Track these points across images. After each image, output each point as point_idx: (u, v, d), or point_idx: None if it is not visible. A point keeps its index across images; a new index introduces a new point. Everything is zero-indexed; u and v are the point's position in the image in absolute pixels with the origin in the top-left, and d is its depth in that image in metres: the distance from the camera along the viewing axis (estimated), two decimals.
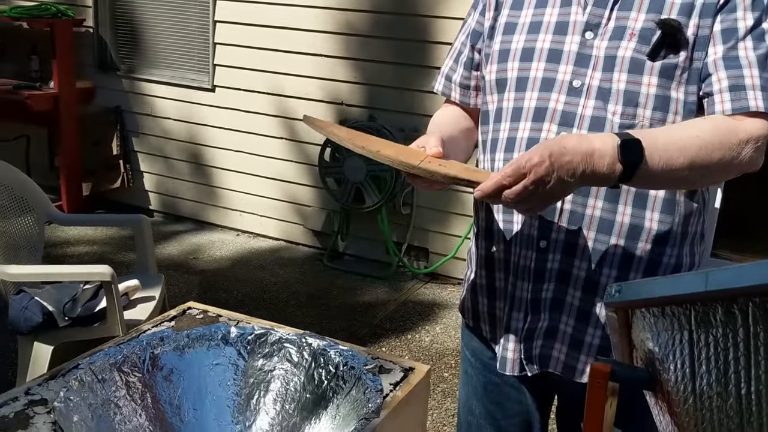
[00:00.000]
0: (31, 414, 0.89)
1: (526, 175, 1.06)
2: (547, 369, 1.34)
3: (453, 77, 1.48)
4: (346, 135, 1.25)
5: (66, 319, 2.58)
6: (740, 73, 1.18)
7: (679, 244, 1.28)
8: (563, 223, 1.26)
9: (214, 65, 4.80)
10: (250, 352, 1.14)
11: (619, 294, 0.65)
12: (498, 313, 1.39)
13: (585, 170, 1.08)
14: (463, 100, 1.48)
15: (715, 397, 0.56)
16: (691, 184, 1.23)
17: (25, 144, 5.38)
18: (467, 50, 1.44)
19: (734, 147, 1.15)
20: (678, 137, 1.16)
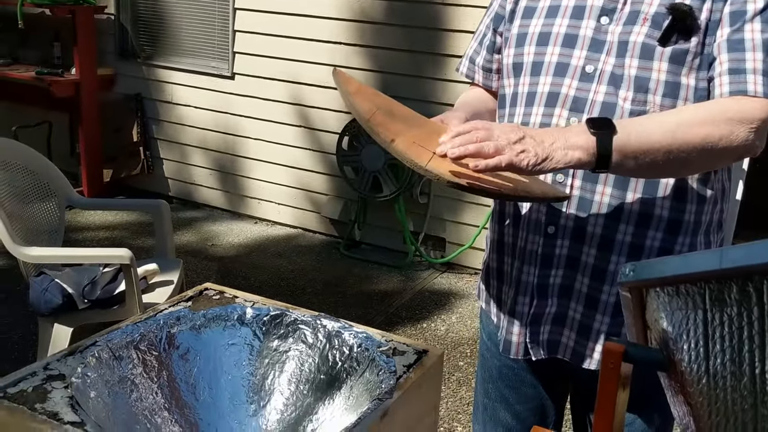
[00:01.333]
0: (48, 389, 0.90)
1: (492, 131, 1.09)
2: (555, 355, 1.34)
3: (476, 60, 1.48)
4: (368, 107, 1.17)
5: (85, 301, 2.62)
6: (742, 57, 1.15)
7: (692, 233, 1.26)
8: (572, 209, 1.26)
9: (233, 53, 4.82)
10: (266, 332, 1.15)
11: (633, 273, 0.65)
12: (503, 297, 1.39)
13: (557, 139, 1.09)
14: (486, 83, 1.48)
15: (728, 376, 0.56)
16: (682, 166, 1.16)
17: (47, 130, 5.44)
18: (490, 33, 1.44)
19: (722, 125, 1.11)
20: (657, 116, 1.15)
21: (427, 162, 1.09)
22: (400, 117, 1.23)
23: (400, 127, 1.18)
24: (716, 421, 0.57)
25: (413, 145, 1.14)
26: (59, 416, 0.85)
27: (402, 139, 1.13)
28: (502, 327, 1.39)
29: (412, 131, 1.19)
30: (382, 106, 1.22)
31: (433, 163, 1.09)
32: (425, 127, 1.24)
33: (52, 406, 0.87)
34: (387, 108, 1.23)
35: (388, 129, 1.15)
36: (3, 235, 2.56)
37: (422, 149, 1.14)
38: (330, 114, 4.57)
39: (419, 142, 1.15)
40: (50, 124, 5.43)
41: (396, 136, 1.13)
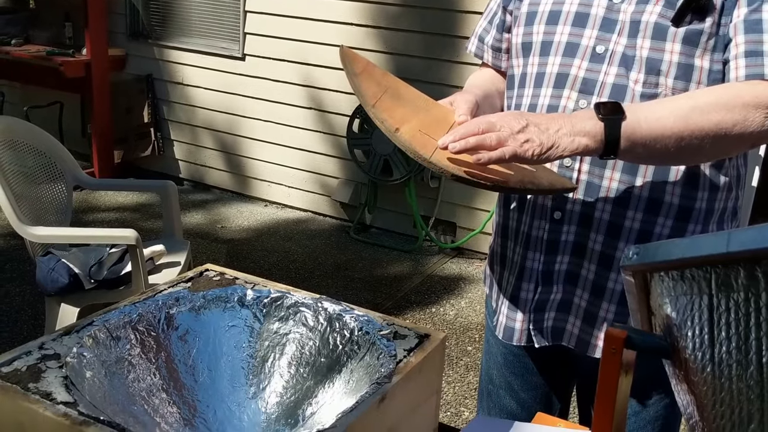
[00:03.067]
0: (43, 368, 0.89)
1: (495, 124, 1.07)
2: (560, 342, 1.32)
3: (486, 39, 1.45)
4: (373, 91, 1.14)
5: (92, 281, 2.62)
6: (760, 38, 1.10)
7: (703, 221, 1.23)
8: (579, 195, 1.23)
9: (244, 33, 4.79)
10: (266, 315, 1.13)
11: (636, 256, 0.62)
12: (504, 283, 1.37)
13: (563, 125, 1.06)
14: (495, 63, 1.45)
15: (734, 365, 0.53)
16: (694, 153, 1.12)
17: (59, 110, 5.45)
18: (500, 12, 1.41)
19: (737, 110, 1.07)
20: (668, 101, 1.11)
21: (432, 153, 1.06)
22: (407, 100, 1.19)
23: (406, 113, 1.15)
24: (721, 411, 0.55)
25: (418, 134, 1.10)
26: (52, 396, 0.83)
27: (407, 128, 1.10)
28: (502, 313, 1.36)
29: (419, 116, 1.16)
30: (390, 87, 1.18)
31: (437, 154, 1.07)
32: (432, 111, 1.21)
33: (45, 385, 0.85)
34: (394, 90, 1.19)
35: (393, 115, 1.12)
36: (10, 214, 2.56)
37: (428, 138, 1.10)
38: (341, 96, 4.54)
39: (425, 129, 1.12)
40: (61, 105, 5.43)
41: (401, 124, 1.10)
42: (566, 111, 1.22)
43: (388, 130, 1.08)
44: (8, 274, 3.76)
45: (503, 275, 1.38)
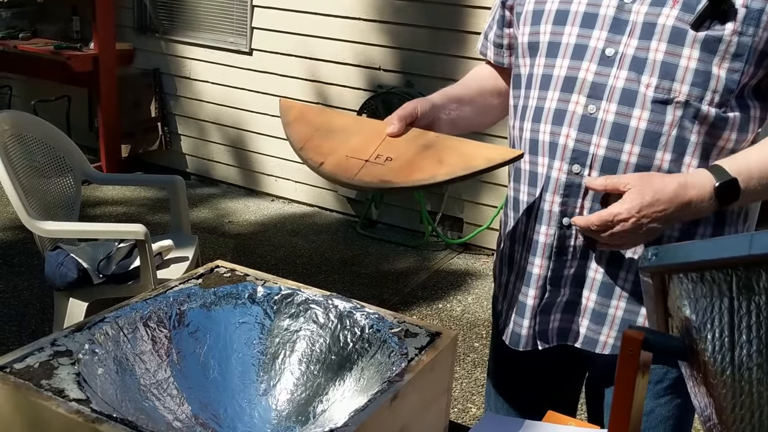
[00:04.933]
0: (55, 365, 0.89)
1: (613, 226, 1.10)
2: (565, 342, 1.31)
3: (489, 35, 1.45)
4: (302, 135, 1.18)
5: (100, 276, 2.62)
6: None
7: (714, 222, 1.22)
8: (588, 201, 1.21)
9: (252, 28, 4.79)
10: (277, 311, 1.13)
11: (655, 258, 0.62)
12: (510, 286, 1.36)
13: (681, 218, 1.12)
14: (497, 60, 1.44)
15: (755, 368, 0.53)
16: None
17: (66, 104, 5.45)
18: (499, 7, 1.40)
19: None
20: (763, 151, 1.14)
21: (356, 174, 1.09)
22: (339, 131, 1.21)
23: (335, 144, 1.17)
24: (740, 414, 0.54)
25: (344, 160, 1.13)
26: (65, 393, 0.83)
27: (333, 158, 1.13)
28: (510, 318, 1.35)
29: (349, 142, 1.18)
30: (322, 125, 1.20)
31: (363, 172, 1.10)
32: (364, 131, 1.22)
33: (58, 382, 0.86)
34: (327, 126, 1.21)
35: (320, 152, 1.15)
36: (19, 209, 2.56)
37: (354, 161, 1.13)
38: (348, 91, 4.54)
39: (353, 153, 1.14)
40: (69, 99, 5.44)
41: (327, 157, 1.13)
42: (574, 116, 1.20)
43: (313, 167, 1.12)
44: (17, 268, 3.77)
45: (510, 278, 1.37)
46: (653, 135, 1.16)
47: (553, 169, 1.22)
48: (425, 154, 1.14)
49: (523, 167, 1.29)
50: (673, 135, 1.16)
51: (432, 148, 1.16)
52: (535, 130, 1.25)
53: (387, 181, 1.09)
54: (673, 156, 1.17)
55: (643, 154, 1.17)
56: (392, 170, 1.11)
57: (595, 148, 1.18)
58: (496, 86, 1.45)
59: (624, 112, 1.17)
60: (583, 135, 1.19)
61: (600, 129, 1.18)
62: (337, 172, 1.10)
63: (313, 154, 1.13)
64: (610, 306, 1.25)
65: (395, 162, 1.12)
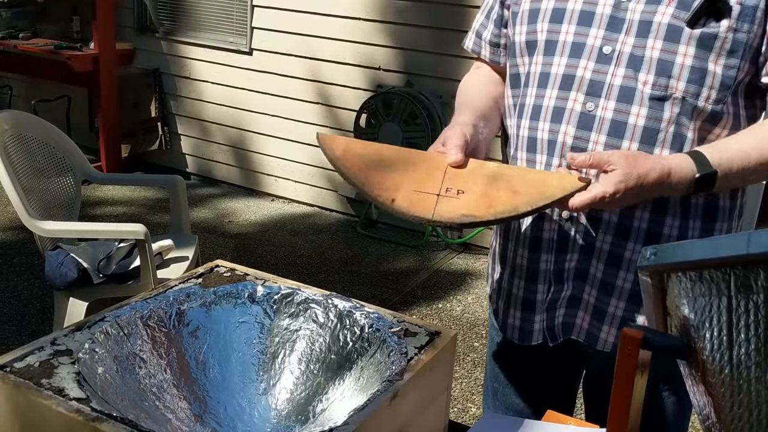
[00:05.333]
0: (55, 364, 0.89)
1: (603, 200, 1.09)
2: (570, 336, 1.31)
3: (483, 34, 1.43)
4: (357, 169, 1.14)
5: (100, 276, 2.62)
6: None
7: (709, 219, 1.23)
8: None
9: (252, 28, 4.79)
10: (276, 311, 1.13)
11: (654, 257, 0.62)
12: (504, 283, 1.36)
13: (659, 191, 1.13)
14: (493, 59, 1.43)
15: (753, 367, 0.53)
16: None
17: (66, 104, 5.45)
18: (497, 6, 1.39)
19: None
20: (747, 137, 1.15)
21: (433, 210, 1.07)
22: (392, 162, 1.18)
23: (396, 178, 1.14)
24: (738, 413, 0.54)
25: (415, 196, 1.11)
26: (65, 392, 0.84)
27: (402, 194, 1.10)
28: (514, 316, 1.36)
29: (409, 175, 1.15)
30: (373, 159, 1.17)
31: (439, 207, 1.08)
32: (420, 164, 1.18)
33: (58, 381, 0.86)
34: (378, 159, 1.18)
35: (384, 186, 1.12)
36: (19, 208, 2.57)
37: (425, 195, 1.11)
38: (348, 91, 4.54)
39: (420, 187, 1.12)
40: (69, 99, 5.44)
41: (395, 193, 1.10)
42: (573, 113, 1.21)
43: (385, 205, 1.10)
44: (17, 267, 3.77)
45: (504, 275, 1.37)
46: (651, 131, 1.17)
47: (552, 166, 1.23)
48: (496, 185, 1.12)
49: (521, 165, 1.30)
50: (671, 131, 1.17)
51: (499, 178, 1.14)
52: (533, 128, 1.26)
53: (468, 216, 1.07)
54: (671, 153, 1.17)
55: (642, 150, 1.17)
56: (469, 204, 1.09)
57: (594, 145, 1.19)
58: (499, 92, 1.43)
59: (622, 109, 1.17)
60: (582, 132, 1.20)
61: (599, 126, 1.19)
62: (413, 209, 1.08)
63: (379, 191, 1.10)
64: (610, 304, 1.26)
65: (469, 195, 1.10)
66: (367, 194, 1.11)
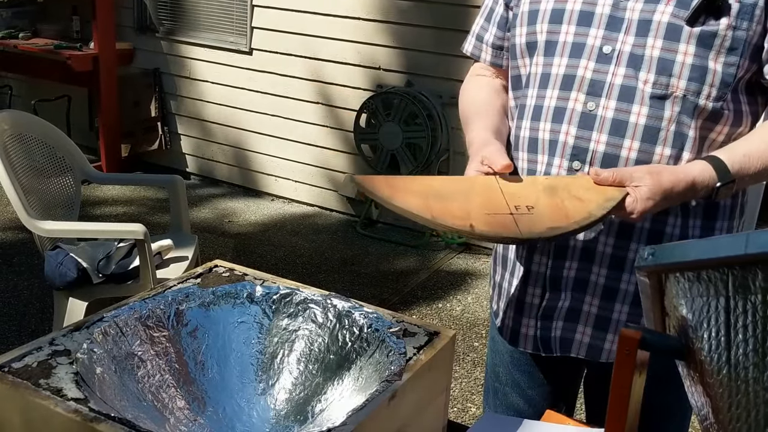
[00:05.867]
0: (54, 364, 0.89)
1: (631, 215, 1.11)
2: (568, 354, 1.31)
3: (485, 37, 1.42)
4: (417, 203, 1.06)
5: (100, 276, 2.62)
6: None
7: (711, 217, 1.24)
8: None
9: (251, 28, 4.78)
10: (275, 311, 1.13)
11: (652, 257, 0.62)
12: (505, 284, 1.36)
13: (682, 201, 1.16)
14: (495, 62, 1.43)
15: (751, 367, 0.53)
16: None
17: (66, 104, 5.45)
18: (500, 8, 1.38)
19: None
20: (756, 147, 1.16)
21: (518, 228, 1.04)
22: (446, 192, 1.12)
23: (459, 205, 1.09)
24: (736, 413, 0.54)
25: (491, 218, 1.07)
26: (63, 392, 0.83)
27: (477, 219, 1.06)
28: (508, 317, 1.35)
29: (472, 200, 1.10)
30: (424, 192, 1.11)
31: (521, 225, 1.05)
32: (476, 188, 1.15)
33: (56, 381, 0.86)
34: (430, 192, 1.11)
35: (456, 215, 1.06)
36: (18, 208, 2.57)
37: (500, 216, 1.07)
38: (348, 91, 4.54)
39: (490, 210, 1.08)
40: (69, 99, 5.44)
41: (469, 219, 1.06)
42: (574, 113, 1.21)
43: (465, 232, 1.05)
44: (16, 267, 3.77)
45: (504, 276, 1.37)
46: (652, 130, 1.17)
47: (553, 166, 1.23)
48: (559, 196, 1.12)
49: (521, 165, 1.29)
50: (672, 130, 1.17)
51: (556, 189, 1.13)
52: (534, 128, 1.26)
53: (554, 228, 1.05)
54: (672, 151, 1.17)
55: (643, 150, 1.17)
56: (548, 217, 1.08)
57: (595, 145, 1.19)
58: (504, 101, 1.42)
59: (623, 108, 1.18)
60: (583, 132, 1.20)
61: (600, 125, 1.19)
62: (497, 229, 1.04)
63: (453, 219, 1.05)
64: (614, 310, 1.25)
65: (540, 209, 1.09)
66: (441, 225, 1.06)
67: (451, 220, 1.05)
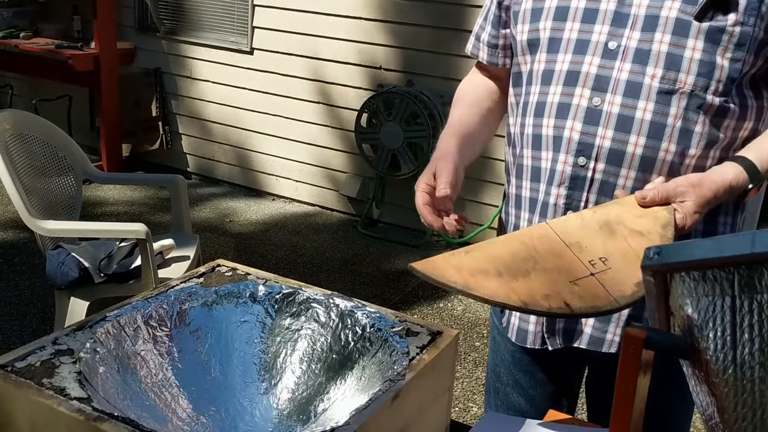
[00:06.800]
0: (57, 363, 0.89)
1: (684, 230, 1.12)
2: (571, 344, 1.31)
3: (482, 36, 1.43)
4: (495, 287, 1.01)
5: (101, 275, 2.62)
6: None
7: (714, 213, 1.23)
8: (593, 194, 1.22)
9: (252, 27, 4.78)
10: (278, 310, 1.13)
11: (657, 256, 0.62)
12: None
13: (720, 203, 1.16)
14: (491, 60, 1.43)
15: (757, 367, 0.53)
16: None
17: (67, 104, 5.45)
18: (494, 7, 1.39)
19: None
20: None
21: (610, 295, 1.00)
22: (516, 262, 1.06)
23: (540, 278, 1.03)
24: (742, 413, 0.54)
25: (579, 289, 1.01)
26: (66, 391, 0.83)
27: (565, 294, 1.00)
28: (514, 314, 1.35)
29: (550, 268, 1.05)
30: (493, 268, 1.04)
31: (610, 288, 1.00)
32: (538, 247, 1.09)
33: (59, 381, 0.85)
34: (498, 266, 1.05)
35: (542, 293, 1.00)
36: (20, 208, 2.57)
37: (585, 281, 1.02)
38: (349, 90, 4.54)
39: (571, 276, 1.03)
40: (70, 98, 5.44)
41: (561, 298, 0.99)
42: (579, 108, 1.21)
43: (566, 314, 0.99)
44: (18, 267, 3.77)
45: None
46: (658, 126, 1.17)
47: (558, 162, 1.23)
48: (620, 234, 1.08)
49: (526, 163, 1.29)
50: (678, 126, 1.17)
51: (612, 226, 1.10)
52: (538, 125, 1.26)
53: (640, 283, 1.00)
54: (678, 147, 1.18)
55: (649, 145, 1.17)
56: (626, 270, 1.03)
57: (601, 140, 1.19)
58: (490, 104, 1.43)
59: (629, 104, 1.18)
60: (589, 127, 1.20)
61: (605, 121, 1.19)
62: (592, 302, 0.99)
63: (545, 300, 0.99)
64: None
65: (614, 260, 1.05)
66: (537, 312, 1.00)
67: (544, 302, 0.99)
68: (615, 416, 0.67)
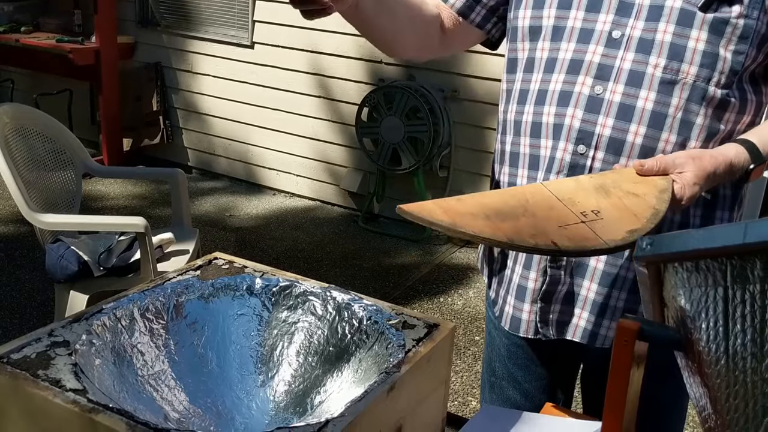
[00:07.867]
0: (52, 355, 0.89)
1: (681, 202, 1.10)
2: (563, 336, 1.30)
3: None
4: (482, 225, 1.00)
5: (101, 269, 2.63)
6: None
7: (711, 207, 1.23)
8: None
9: (253, 21, 4.78)
10: (275, 303, 1.13)
11: (650, 247, 0.61)
12: (507, 270, 1.35)
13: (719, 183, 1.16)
14: (462, 11, 1.37)
15: (749, 358, 0.53)
16: None
17: (68, 98, 5.45)
18: None
19: None
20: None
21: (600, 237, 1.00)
22: (505, 209, 1.06)
23: (528, 221, 1.03)
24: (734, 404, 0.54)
25: (567, 231, 1.01)
26: (61, 383, 0.83)
27: (554, 234, 1.00)
28: (508, 303, 1.35)
29: (537, 214, 1.05)
30: (482, 212, 1.04)
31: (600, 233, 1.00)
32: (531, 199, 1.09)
33: (55, 372, 0.85)
34: (487, 210, 1.05)
35: (531, 234, 1.01)
36: (19, 201, 2.57)
37: (575, 227, 1.02)
38: (350, 84, 4.53)
39: (560, 222, 1.03)
40: (71, 92, 5.44)
41: (547, 237, 0.99)
42: (581, 96, 1.20)
43: (553, 251, 0.99)
44: (18, 261, 3.78)
45: (505, 263, 1.36)
46: (659, 116, 1.17)
47: (558, 149, 1.22)
48: (615, 195, 1.09)
49: (522, 151, 1.29)
50: (679, 117, 1.17)
51: (607, 188, 1.10)
52: (538, 112, 1.25)
53: (633, 231, 1.01)
54: (678, 138, 1.18)
55: (649, 135, 1.17)
56: (618, 220, 1.04)
57: (601, 128, 1.19)
58: (433, 13, 1.37)
59: (631, 93, 1.17)
60: (590, 115, 1.20)
61: (606, 109, 1.19)
62: (580, 243, 0.99)
63: (531, 239, 0.99)
64: (611, 297, 1.25)
65: (606, 212, 1.05)
66: (521, 247, 1.00)
67: (531, 239, 0.99)
68: (608, 408, 0.67)
